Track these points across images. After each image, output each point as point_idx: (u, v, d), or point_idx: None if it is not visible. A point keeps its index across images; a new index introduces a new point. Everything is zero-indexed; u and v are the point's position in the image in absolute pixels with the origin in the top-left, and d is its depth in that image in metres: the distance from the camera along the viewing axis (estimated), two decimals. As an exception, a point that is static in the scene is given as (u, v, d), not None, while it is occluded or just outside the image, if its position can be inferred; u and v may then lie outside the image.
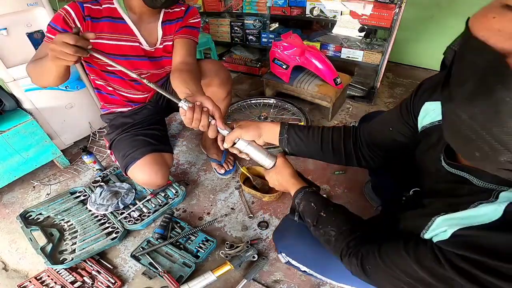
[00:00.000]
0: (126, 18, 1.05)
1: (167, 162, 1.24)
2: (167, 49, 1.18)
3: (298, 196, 0.72)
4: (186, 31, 1.15)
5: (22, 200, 1.43)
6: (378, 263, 0.52)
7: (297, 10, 1.99)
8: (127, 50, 1.09)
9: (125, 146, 1.19)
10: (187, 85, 0.88)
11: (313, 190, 0.73)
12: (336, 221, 0.64)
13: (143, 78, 0.73)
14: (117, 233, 1.18)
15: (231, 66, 2.54)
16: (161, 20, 1.12)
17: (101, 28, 1.02)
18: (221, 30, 2.48)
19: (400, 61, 2.54)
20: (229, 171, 1.49)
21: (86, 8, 0.98)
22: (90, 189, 1.38)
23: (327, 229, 0.63)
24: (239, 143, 0.79)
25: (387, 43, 1.78)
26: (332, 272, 0.75)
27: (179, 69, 1.02)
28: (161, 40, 1.15)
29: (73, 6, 0.96)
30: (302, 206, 0.70)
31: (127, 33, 1.07)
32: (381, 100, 2.08)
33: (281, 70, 1.86)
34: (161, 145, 1.25)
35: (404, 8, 1.63)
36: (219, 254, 1.12)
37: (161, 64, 1.21)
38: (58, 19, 0.93)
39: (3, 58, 1.28)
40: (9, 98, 1.37)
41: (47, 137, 1.45)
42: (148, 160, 1.16)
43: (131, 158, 1.16)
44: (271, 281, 1.05)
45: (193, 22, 1.18)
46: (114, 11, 1.04)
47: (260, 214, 1.29)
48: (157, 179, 1.16)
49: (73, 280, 1.04)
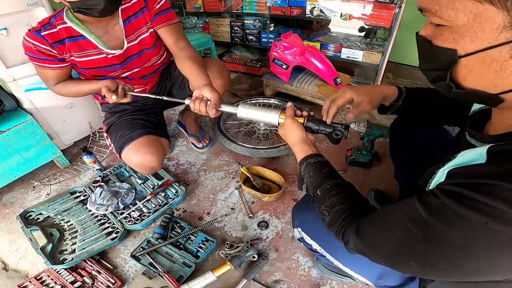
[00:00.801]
0: (85, 33, 1.06)
1: (163, 146, 1.23)
2: (144, 42, 1.16)
3: (301, 168, 0.71)
4: (162, 18, 1.14)
5: (22, 200, 1.43)
6: (375, 217, 0.52)
7: (297, 10, 1.99)
8: (98, 62, 1.12)
9: (123, 127, 1.21)
10: (195, 79, 1.00)
11: (314, 161, 0.69)
12: (329, 201, 0.62)
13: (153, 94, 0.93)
14: (117, 233, 1.18)
15: (231, 66, 2.54)
16: (121, 20, 1.10)
17: (68, 49, 1.06)
18: (221, 30, 2.48)
19: (400, 61, 2.54)
20: (207, 145, 1.67)
21: (47, 36, 1.02)
22: (90, 189, 1.38)
23: (321, 208, 0.63)
24: (239, 110, 0.82)
25: (387, 43, 1.78)
26: (342, 254, 0.73)
27: (180, 57, 1.11)
28: (128, 38, 1.13)
29: (36, 39, 1.01)
30: (305, 179, 0.70)
31: (91, 47, 1.09)
32: (381, 100, 2.08)
33: (281, 70, 1.86)
34: (158, 130, 1.25)
35: (404, 8, 1.63)
36: (219, 254, 1.12)
37: (145, 58, 1.20)
38: (32, 51, 1.03)
39: (3, 58, 1.29)
40: (9, 98, 1.37)
41: (47, 137, 1.45)
42: (145, 141, 1.16)
43: (128, 138, 1.17)
44: (271, 281, 1.05)
45: (161, 6, 1.14)
46: (70, 30, 1.05)
47: (260, 214, 1.29)
48: (153, 160, 1.14)
49: (73, 280, 1.04)
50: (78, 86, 1.15)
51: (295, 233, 0.87)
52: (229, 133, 1.66)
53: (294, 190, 1.40)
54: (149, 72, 1.26)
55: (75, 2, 0.94)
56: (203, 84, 0.93)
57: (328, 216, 0.61)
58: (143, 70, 1.23)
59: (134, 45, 1.15)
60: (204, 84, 0.93)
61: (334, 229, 0.60)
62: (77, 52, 1.08)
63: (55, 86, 1.15)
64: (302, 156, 0.72)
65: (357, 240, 0.53)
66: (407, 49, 2.41)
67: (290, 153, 1.61)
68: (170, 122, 1.94)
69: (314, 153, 0.72)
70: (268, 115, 0.80)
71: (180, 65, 1.11)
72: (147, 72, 1.26)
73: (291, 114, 0.78)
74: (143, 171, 1.23)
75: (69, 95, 1.18)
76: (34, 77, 1.38)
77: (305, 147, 0.73)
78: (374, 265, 0.70)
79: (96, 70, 1.14)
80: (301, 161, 0.72)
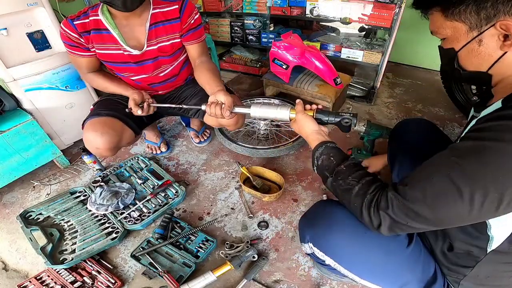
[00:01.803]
0: (110, 27, 1.10)
1: (123, 134, 1.20)
2: (162, 49, 1.18)
3: (318, 150, 0.74)
4: (194, 35, 1.21)
5: (22, 200, 1.43)
6: (410, 177, 0.56)
7: (297, 10, 1.99)
8: (113, 57, 1.16)
9: (103, 105, 1.24)
10: (210, 86, 1.08)
11: (334, 146, 0.74)
12: (357, 173, 0.65)
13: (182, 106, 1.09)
14: (117, 233, 1.18)
15: (231, 66, 2.54)
16: (149, 23, 1.13)
17: (92, 40, 1.11)
18: (221, 30, 2.48)
19: (400, 61, 2.55)
20: (204, 141, 1.70)
21: (78, 25, 1.08)
22: (90, 189, 1.38)
23: (348, 180, 0.64)
24: (252, 110, 0.89)
25: (387, 43, 1.78)
26: (361, 268, 0.72)
27: (200, 68, 1.20)
28: (148, 42, 1.15)
29: (68, 27, 1.08)
30: (321, 160, 0.72)
31: (112, 42, 1.12)
32: (381, 100, 2.08)
33: (281, 70, 1.86)
34: (131, 121, 1.24)
35: (404, 8, 1.63)
36: (219, 254, 1.12)
37: (158, 64, 1.23)
38: (64, 37, 1.11)
39: (3, 58, 1.28)
40: (9, 98, 1.37)
41: (47, 137, 1.45)
42: (105, 121, 1.15)
43: (95, 114, 1.18)
44: (271, 281, 1.05)
45: (195, 21, 1.19)
46: (99, 23, 1.10)
47: (260, 214, 1.29)
48: (101, 141, 1.11)
49: (73, 280, 1.04)
50: (107, 84, 1.23)
51: (304, 248, 0.82)
52: (229, 133, 1.67)
53: (294, 190, 1.40)
54: (158, 81, 1.29)
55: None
56: (218, 90, 1.00)
57: (358, 185, 0.62)
58: (153, 78, 1.26)
59: (152, 50, 1.17)
60: (218, 89, 1.00)
61: (364, 197, 0.60)
62: (98, 44, 1.12)
63: (87, 74, 1.23)
64: (317, 143, 0.76)
65: (400, 199, 0.54)
66: (407, 49, 2.41)
67: (290, 153, 1.61)
68: (170, 121, 1.94)
69: (332, 141, 0.76)
70: (279, 111, 0.86)
71: (198, 75, 1.20)
72: (156, 81, 1.29)
73: (301, 109, 0.83)
74: (92, 150, 1.19)
75: (98, 88, 1.28)
76: (34, 77, 1.38)
77: (320, 136, 0.78)
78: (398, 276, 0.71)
79: (111, 64, 1.19)
80: (320, 143, 0.75)
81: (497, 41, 0.52)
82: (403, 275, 0.70)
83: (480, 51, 0.55)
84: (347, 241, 0.71)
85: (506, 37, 0.51)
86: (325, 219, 0.75)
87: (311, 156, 0.77)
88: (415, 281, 0.70)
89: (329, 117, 0.81)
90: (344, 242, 0.72)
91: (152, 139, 1.65)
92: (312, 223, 0.78)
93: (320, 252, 0.76)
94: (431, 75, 2.37)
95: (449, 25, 0.57)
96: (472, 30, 0.54)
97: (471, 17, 0.53)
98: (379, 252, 0.69)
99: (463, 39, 0.56)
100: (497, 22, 0.50)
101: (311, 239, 0.78)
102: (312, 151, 0.76)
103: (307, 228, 0.79)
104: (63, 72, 1.48)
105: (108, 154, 1.18)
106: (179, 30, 1.17)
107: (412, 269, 0.70)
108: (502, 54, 0.53)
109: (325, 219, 0.75)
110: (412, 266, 0.70)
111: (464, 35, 0.55)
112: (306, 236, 0.79)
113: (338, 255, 0.74)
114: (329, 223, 0.74)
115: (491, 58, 0.55)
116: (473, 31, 0.54)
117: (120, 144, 1.20)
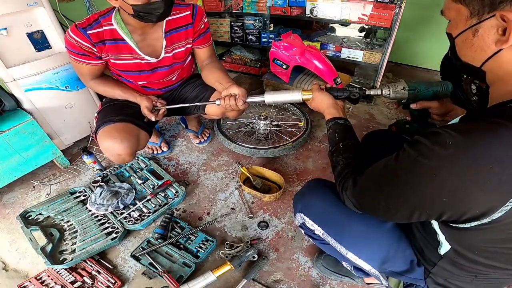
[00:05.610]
0: (126, 37, 1.09)
1: (139, 137, 1.21)
2: (177, 55, 1.21)
3: (328, 124, 0.84)
4: (204, 39, 1.24)
5: (22, 200, 1.43)
6: (368, 170, 0.62)
7: (297, 10, 1.99)
8: (129, 66, 1.15)
9: (112, 110, 1.22)
10: (221, 82, 1.15)
11: (343, 123, 0.81)
12: (347, 155, 0.73)
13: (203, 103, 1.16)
14: (117, 233, 1.18)
15: (231, 66, 2.54)
16: (164, 31, 1.13)
17: (107, 50, 1.09)
18: (221, 30, 2.48)
19: (400, 61, 2.54)
20: (204, 141, 1.70)
21: (92, 35, 1.04)
22: (90, 189, 1.38)
23: (339, 158, 0.74)
24: (266, 97, 0.95)
25: (387, 43, 1.78)
26: (345, 238, 0.77)
27: (208, 68, 1.25)
28: (165, 49, 1.16)
29: (79, 35, 1.02)
30: (329, 134, 0.82)
31: (129, 52, 1.12)
32: (381, 100, 2.08)
33: (281, 70, 1.86)
34: (142, 122, 1.24)
35: (404, 8, 1.63)
36: (219, 254, 1.12)
37: (173, 70, 1.26)
38: (73, 46, 1.06)
39: (3, 58, 1.28)
40: (9, 98, 1.37)
41: (47, 137, 1.45)
42: (121, 127, 1.15)
43: (107, 120, 1.17)
44: (271, 281, 1.05)
45: (205, 26, 1.22)
46: (114, 33, 1.07)
47: (260, 214, 1.29)
48: (121, 148, 1.11)
49: (73, 280, 1.04)
50: (114, 91, 1.22)
51: (296, 218, 0.88)
52: (229, 133, 1.67)
53: (294, 190, 1.40)
54: (166, 85, 1.31)
55: (138, 6, 0.94)
56: (229, 84, 1.06)
57: (341, 165, 0.72)
58: (163, 82, 1.28)
59: (168, 57, 1.19)
60: (230, 84, 1.06)
61: (339, 176, 0.70)
62: (114, 55, 1.11)
63: (90, 81, 1.21)
64: (330, 117, 0.84)
65: (352, 188, 0.64)
66: (407, 49, 2.41)
67: (290, 153, 1.61)
68: (170, 121, 1.94)
69: (343, 117, 0.84)
70: (292, 94, 0.94)
71: (206, 74, 1.25)
72: (165, 85, 1.31)
73: (318, 88, 0.92)
74: (111, 158, 1.18)
75: (103, 94, 1.26)
76: (34, 77, 1.38)
77: (334, 111, 0.85)
78: (378, 249, 0.74)
79: (126, 73, 1.19)
80: (331, 118, 0.83)
81: (495, 35, 0.48)
82: (382, 249, 0.73)
83: (473, 43, 0.51)
84: (333, 208, 0.78)
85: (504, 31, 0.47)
86: (315, 190, 0.85)
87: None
88: (399, 259, 0.72)
89: (338, 92, 0.91)
90: (330, 209, 0.79)
91: (152, 139, 1.65)
92: (304, 194, 0.87)
93: (310, 221, 0.82)
94: (431, 75, 2.37)
95: (454, 6, 0.53)
96: (473, 16, 0.50)
97: (474, 1, 0.49)
98: (360, 223, 0.75)
99: (461, 25, 0.52)
100: (499, 11, 0.46)
101: (302, 208, 0.85)
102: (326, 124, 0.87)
103: (299, 199, 0.88)
104: (63, 72, 1.47)
105: (130, 159, 1.20)
106: (192, 36, 1.20)
107: (391, 245, 0.73)
108: (496, 51, 0.49)
109: (315, 190, 0.85)
110: (391, 242, 0.73)
111: (464, 21, 0.52)
112: (298, 206, 0.87)
113: (325, 224, 0.80)
114: (317, 192, 0.84)
115: (484, 53, 0.51)
116: (473, 18, 0.50)
117: (139, 148, 1.23)
